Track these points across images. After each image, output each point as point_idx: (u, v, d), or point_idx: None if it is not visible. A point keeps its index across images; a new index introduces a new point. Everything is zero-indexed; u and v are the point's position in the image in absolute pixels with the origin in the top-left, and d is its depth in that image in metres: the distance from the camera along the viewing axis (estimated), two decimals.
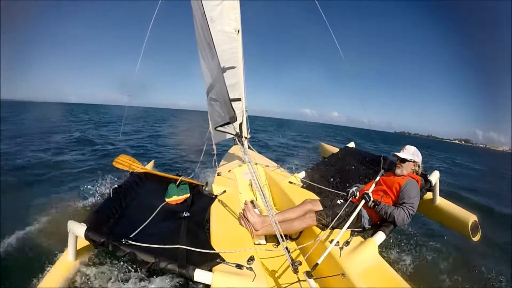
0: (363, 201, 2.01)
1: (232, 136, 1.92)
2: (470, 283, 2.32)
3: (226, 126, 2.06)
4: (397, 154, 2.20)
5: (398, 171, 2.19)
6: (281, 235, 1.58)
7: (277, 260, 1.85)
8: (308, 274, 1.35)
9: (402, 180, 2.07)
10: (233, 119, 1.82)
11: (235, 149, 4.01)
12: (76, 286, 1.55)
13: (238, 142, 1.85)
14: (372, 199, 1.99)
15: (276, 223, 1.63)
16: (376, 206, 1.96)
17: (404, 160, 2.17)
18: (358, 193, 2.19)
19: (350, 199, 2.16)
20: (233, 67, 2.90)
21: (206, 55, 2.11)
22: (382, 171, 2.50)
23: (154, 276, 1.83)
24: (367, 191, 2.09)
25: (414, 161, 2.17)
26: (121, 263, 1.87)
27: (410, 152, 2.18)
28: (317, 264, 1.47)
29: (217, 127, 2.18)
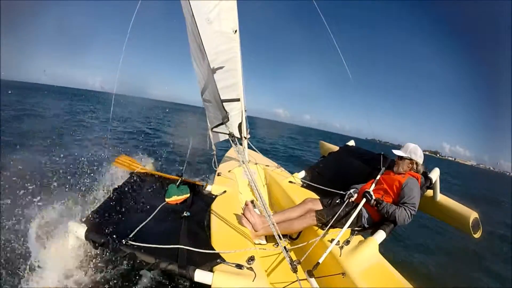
0: (364, 200, 2.00)
1: (227, 136, 1.92)
2: (470, 281, 2.32)
3: (221, 126, 2.06)
4: (394, 151, 2.25)
5: (395, 168, 2.23)
6: (279, 235, 1.57)
7: (277, 260, 1.85)
8: (310, 273, 1.36)
9: (403, 178, 2.07)
10: (225, 119, 1.82)
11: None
12: (75, 286, 1.55)
13: (231, 142, 1.85)
14: (374, 197, 1.99)
15: (274, 224, 1.63)
16: (378, 205, 1.95)
17: (401, 158, 2.20)
18: (356, 195, 2.20)
19: (348, 200, 2.16)
20: (231, 68, 2.89)
21: (198, 56, 2.11)
22: (383, 169, 2.50)
23: (154, 276, 1.83)
24: (368, 190, 2.08)
25: (410, 159, 2.17)
26: (121, 263, 1.87)
27: (407, 150, 2.21)
28: (318, 263, 1.47)
29: (213, 127, 2.18)
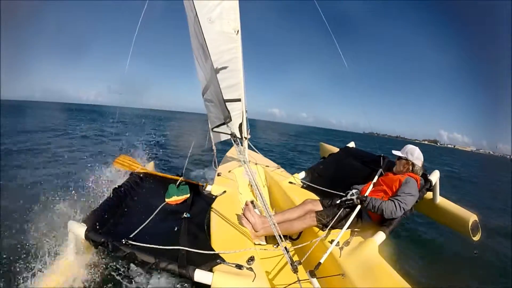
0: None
1: (228, 136, 1.93)
2: (470, 283, 2.32)
3: (222, 126, 2.05)
4: (393, 151, 2.31)
5: (394, 168, 2.29)
6: (279, 236, 1.58)
7: (277, 260, 1.85)
8: (312, 273, 1.35)
9: (402, 177, 2.09)
10: (227, 119, 1.82)
11: (235, 150, 4.00)
12: (75, 286, 1.54)
13: (233, 142, 1.85)
14: (356, 196, 1.99)
15: (274, 224, 1.63)
16: (363, 202, 1.94)
17: (399, 158, 2.25)
18: (356, 196, 2.21)
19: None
20: (232, 68, 2.90)
21: (200, 56, 2.11)
22: (380, 170, 2.50)
23: (154, 276, 1.82)
24: (351, 191, 2.09)
25: (406, 159, 2.18)
26: (121, 263, 1.87)
27: (404, 151, 2.25)
28: (319, 263, 1.47)
29: (214, 127, 2.18)
